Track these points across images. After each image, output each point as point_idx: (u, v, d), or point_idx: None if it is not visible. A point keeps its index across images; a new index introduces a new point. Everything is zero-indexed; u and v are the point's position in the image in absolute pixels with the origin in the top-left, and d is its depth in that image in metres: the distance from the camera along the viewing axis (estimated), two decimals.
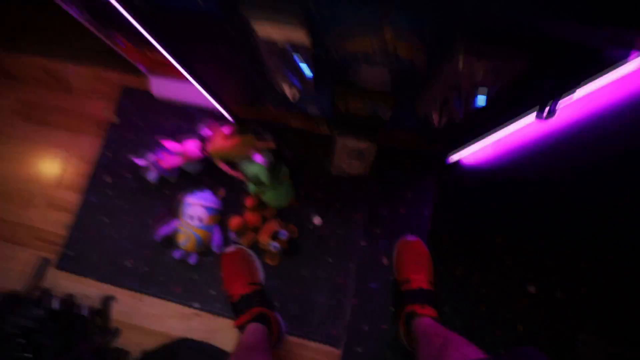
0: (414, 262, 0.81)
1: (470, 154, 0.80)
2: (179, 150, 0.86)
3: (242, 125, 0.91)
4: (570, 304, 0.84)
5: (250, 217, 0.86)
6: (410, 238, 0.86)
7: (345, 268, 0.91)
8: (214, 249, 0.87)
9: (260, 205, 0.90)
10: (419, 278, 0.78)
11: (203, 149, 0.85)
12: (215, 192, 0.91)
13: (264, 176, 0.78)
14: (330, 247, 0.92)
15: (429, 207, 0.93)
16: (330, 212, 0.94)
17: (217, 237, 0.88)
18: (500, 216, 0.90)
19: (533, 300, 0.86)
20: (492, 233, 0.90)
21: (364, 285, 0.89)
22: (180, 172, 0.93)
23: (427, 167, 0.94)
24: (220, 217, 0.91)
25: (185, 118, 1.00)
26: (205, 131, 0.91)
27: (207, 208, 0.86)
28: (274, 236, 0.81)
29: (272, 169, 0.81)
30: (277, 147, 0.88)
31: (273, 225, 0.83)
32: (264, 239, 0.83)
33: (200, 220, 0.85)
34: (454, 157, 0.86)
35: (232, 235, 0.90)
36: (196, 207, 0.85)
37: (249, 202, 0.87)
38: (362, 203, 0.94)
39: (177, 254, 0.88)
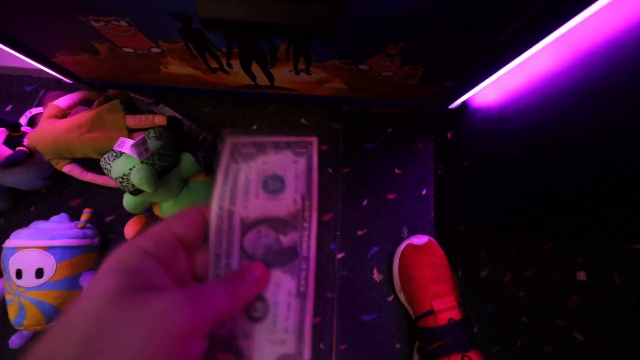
0: (432, 280, 0.51)
1: (483, 89, 0.49)
2: None
3: (98, 90, 0.51)
4: (634, 288, 0.61)
5: None
6: (419, 240, 0.55)
7: (321, 300, 0.58)
8: None
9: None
10: (446, 304, 0.49)
11: (14, 142, 0.44)
12: (73, 215, 0.52)
13: (142, 178, 0.40)
14: None
15: (429, 184, 0.63)
16: None
17: None
18: (524, 182, 0.63)
19: (585, 291, 0.61)
20: (521, 209, 0.62)
21: (351, 321, 0.58)
22: (2, 191, 0.51)
23: (419, 125, 0.63)
24: (95, 255, 0.52)
25: None
26: (33, 109, 0.49)
27: (54, 250, 0.46)
28: None
29: (163, 162, 0.44)
30: (172, 124, 0.50)
31: None
32: None
33: (41, 275, 0.45)
34: (458, 100, 0.55)
35: None
36: (27, 256, 0.45)
37: (129, 228, 0.48)
38: (329, 196, 0.61)
39: (14, 342, 0.48)
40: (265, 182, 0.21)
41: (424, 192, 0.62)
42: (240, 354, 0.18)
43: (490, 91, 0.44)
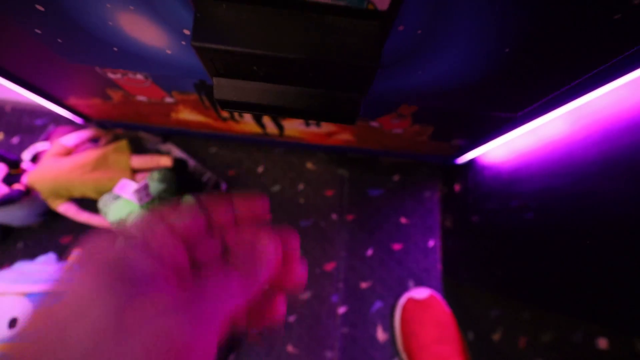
0: (435, 340, 0.47)
1: (492, 148, 0.49)
2: None
3: (107, 129, 0.51)
4: None
5: None
6: (420, 294, 0.52)
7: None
8: None
9: None
10: None
11: (13, 179, 0.43)
12: (62, 255, 0.49)
13: None
14: (288, 325, 0.54)
15: (436, 235, 0.61)
16: None
17: None
18: (540, 248, 0.61)
19: None
20: (531, 274, 0.60)
21: None
22: None
23: (425, 174, 0.63)
24: None
25: None
26: (39, 145, 0.49)
27: (35, 296, 0.43)
28: None
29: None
30: (178, 165, 0.49)
31: None
32: None
33: (14, 325, 0.41)
34: (466, 156, 0.55)
35: None
36: (1, 303, 0.42)
37: None
38: (333, 244, 0.59)
39: None
40: None
41: (431, 243, 0.60)
42: None
43: (500, 151, 0.43)
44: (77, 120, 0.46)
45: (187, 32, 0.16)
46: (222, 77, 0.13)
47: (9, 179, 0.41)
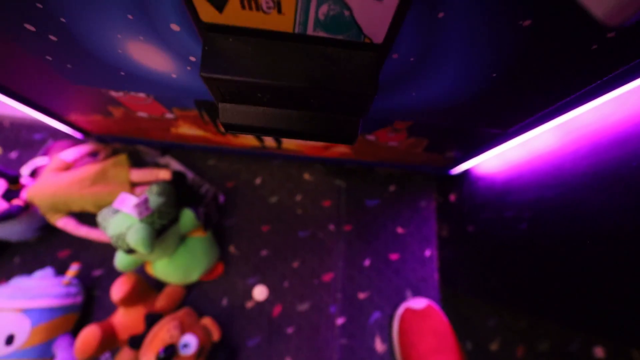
0: (433, 350, 0.47)
1: (486, 160, 0.50)
2: None
3: (106, 143, 0.51)
4: None
5: (122, 319, 0.45)
6: (418, 304, 0.52)
7: None
8: None
9: (156, 285, 0.49)
10: None
11: (12, 195, 0.43)
12: (59, 269, 0.49)
13: (139, 239, 0.38)
14: (287, 336, 0.54)
15: (432, 245, 0.61)
16: (281, 278, 0.56)
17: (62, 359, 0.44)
18: (533, 258, 0.62)
19: None
20: (525, 283, 0.60)
21: None
22: None
23: (421, 184, 0.64)
24: (75, 316, 0.48)
25: None
26: (38, 160, 0.49)
27: (31, 312, 0.43)
28: (169, 353, 0.41)
29: (162, 220, 0.43)
30: (177, 178, 0.50)
31: (168, 331, 0.42)
32: (150, 358, 0.41)
33: (11, 341, 0.41)
34: (461, 167, 0.56)
35: (104, 357, 0.47)
36: (3, 319, 0.41)
37: (118, 289, 0.45)
38: (331, 254, 0.59)
39: None
40: None
41: (427, 253, 0.60)
42: None
43: (494, 162, 0.45)
44: (77, 135, 0.46)
45: (193, 59, 0.17)
46: (227, 102, 0.14)
47: (8, 195, 0.42)
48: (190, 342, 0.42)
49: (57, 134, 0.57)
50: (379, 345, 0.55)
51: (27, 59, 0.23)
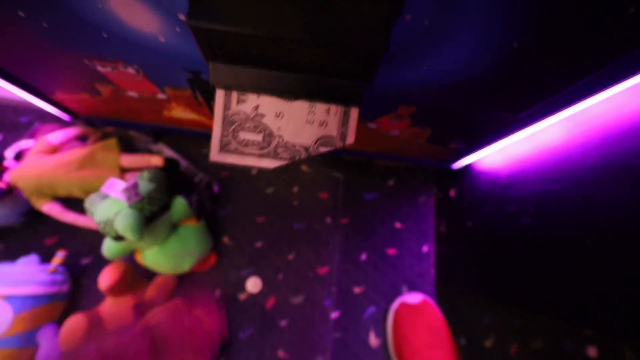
0: (427, 345, 0.46)
1: (489, 154, 0.49)
2: None
3: (96, 127, 0.49)
4: None
5: (110, 309, 0.43)
6: (413, 299, 0.51)
7: None
8: None
9: (147, 274, 0.48)
10: None
11: None
12: (45, 256, 0.47)
13: (127, 225, 0.37)
14: (280, 329, 0.53)
15: (430, 241, 0.60)
16: (276, 270, 0.55)
17: (46, 353, 0.43)
18: (534, 253, 0.61)
19: None
20: (524, 279, 0.60)
21: None
22: None
23: (421, 178, 0.62)
24: (62, 304, 0.46)
25: None
26: (23, 143, 0.47)
27: (14, 299, 0.41)
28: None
29: (153, 206, 0.41)
30: (169, 165, 0.48)
31: (157, 322, 0.41)
32: None
33: None
34: (463, 161, 0.55)
35: None
36: None
37: (106, 277, 0.43)
38: (327, 247, 0.58)
39: None
40: None
41: (425, 249, 0.59)
42: (267, 131, 0.16)
43: (497, 156, 0.44)
44: (64, 116, 0.44)
45: (182, 17, 0.16)
46: (218, 61, 0.12)
47: None
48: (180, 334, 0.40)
49: (44, 117, 0.55)
50: (373, 340, 0.54)
51: (6, 27, 0.21)
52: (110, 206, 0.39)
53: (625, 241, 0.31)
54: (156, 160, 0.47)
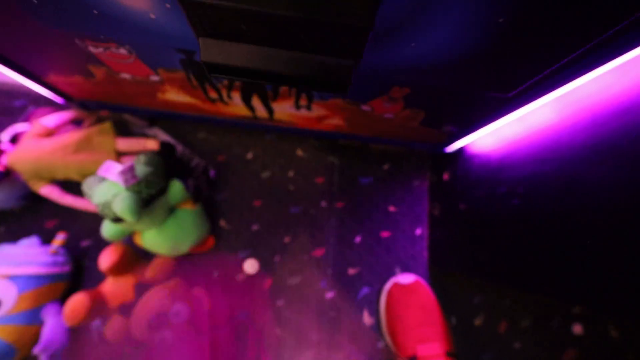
0: (418, 322, 0.48)
1: (481, 137, 0.50)
2: None
3: (91, 111, 0.49)
4: (630, 343, 0.60)
5: (112, 288, 0.44)
6: (405, 279, 0.53)
7: (306, 343, 0.54)
8: (44, 358, 0.44)
9: (145, 256, 0.49)
10: (432, 351, 0.46)
11: None
12: (46, 238, 0.48)
13: (125, 207, 0.37)
14: (277, 308, 0.55)
15: (424, 224, 0.62)
16: (272, 252, 0.56)
17: (51, 329, 0.44)
18: (524, 233, 0.62)
19: (582, 346, 0.59)
20: (520, 260, 0.62)
21: None
22: None
23: (415, 163, 0.63)
24: (63, 284, 0.47)
25: None
26: (18, 126, 0.47)
27: (18, 278, 0.42)
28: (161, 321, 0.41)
29: (150, 190, 0.42)
30: (165, 149, 0.48)
31: (159, 299, 0.42)
32: (141, 326, 0.42)
33: None
34: (456, 145, 0.56)
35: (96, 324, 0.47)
36: None
37: (105, 258, 0.44)
38: (322, 231, 0.59)
39: None
40: None
41: (418, 232, 0.61)
42: None
43: (489, 139, 0.44)
44: (58, 100, 0.44)
45: None
46: (209, 37, 0.13)
47: None
48: (181, 311, 0.42)
49: (38, 101, 0.54)
50: (367, 319, 0.56)
51: None
52: (108, 189, 0.39)
53: (610, 220, 0.32)
54: (152, 144, 0.47)
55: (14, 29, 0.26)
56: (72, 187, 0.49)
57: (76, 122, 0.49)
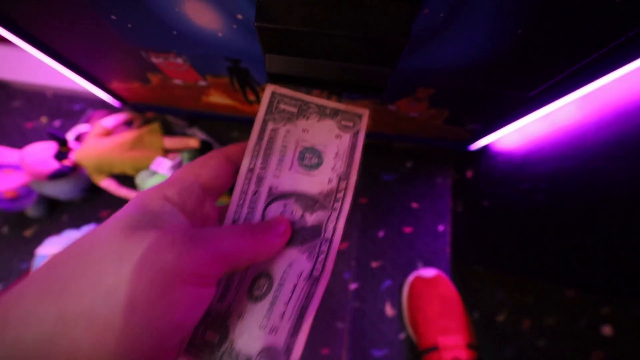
0: (440, 314, 0.50)
1: (505, 135, 0.50)
2: (16, 163, 0.48)
3: (139, 113, 0.55)
4: None
5: None
6: (427, 273, 0.55)
7: (331, 330, 0.57)
8: None
9: None
10: (453, 342, 0.47)
11: (62, 156, 0.47)
12: None
13: None
14: None
15: (446, 220, 0.63)
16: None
17: None
18: (549, 228, 0.62)
19: (611, 347, 0.58)
20: (540, 253, 0.61)
21: (361, 355, 0.56)
22: (41, 200, 0.54)
23: (438, 160, 0.65)
24: None
25: (35, 107, 0.62)
26: (81, 127, 0.53)
27: None
28: None
29: None
30: (204, 147, 0.53)
31: None
32: None
33: None
34: (479, 142, 0.57)
35: None
36: None
37: None
38: (346, 225, 0.62)
39: None
40: (302, 154, 0.18)
41: (440, 228, 0.62)
42: (225, 335, 0.15)
43: (513, 137, 0.45)
44: (115, 103, 0.50)
45: (240, 16, 0.19)
46: (274, 53, 0.16)
47: (59, 156, 0.46)
48: None
49: (94, 104, 0.61)
50: (389, 310, 0.58)
51: (87, 21, 0.25)
52: (159, 181, 0.44)
53: (637, 215, 0.32)
54: (193, 143, 0.52)
55: (98, 46, 0.31)
56: (125, 180, 0.55)
57: (127, 123, 0.55)
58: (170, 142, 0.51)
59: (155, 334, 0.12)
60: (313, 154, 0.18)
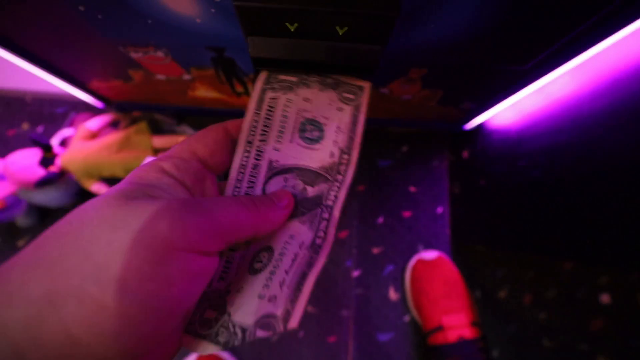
0: (443, 295, 0.50)
1: (499, 111, 0.50)
2: (0, 172, 0.46)
3: (125, 112, 0.53)
4: None
5: None
6: (429, 255, 0.55)
7: (336, 318, 0.58)
8: None
9: None
10: (457, 321, 0.48)
11: (48, 162, 0.46)
12: None
13: None
14: None
15: (444, 202, 0.63)
16: None
17: None
18: (546, 202, 0.62)
19: (610, 315, 0.59)
20: (538, 228, 0.62)
21: (367, 340, 0.57)
22: (31, 209, 0.53)
23: (433, 143, 0.64)
24: None
25: (15, 113, 0.59)
26: (65, 131, 0.52)
27: None
28: None
29: None
30: None
31: None
32: None
33: None
34: (474, 121, 0.56)
35: None
36: None
37: None
38: (345, 213, 0.62)
39: None
40: (303, 126, 0.17)
41: (439, 210, 0.62)
42: (222, 309, 0.14)
43: (508, 113, 0.45)
44: (97, 104, 0.48)
45: None
46: (256, 36, 0.15)
47: (45, 162, 0.45)
48: None
49: (77, 106, 0.59)
50: (393, 295, 0.59)
51: (57, 15, 0.24)
52: None
53: (634, 184, 0.32)
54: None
55: (71, 42, 0.29)
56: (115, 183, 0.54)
57: (113, 124, 0.54)
58: (159, 141, 0.49)
59: (152, 314, 0.11)
60: (314, 126, 0.17)
